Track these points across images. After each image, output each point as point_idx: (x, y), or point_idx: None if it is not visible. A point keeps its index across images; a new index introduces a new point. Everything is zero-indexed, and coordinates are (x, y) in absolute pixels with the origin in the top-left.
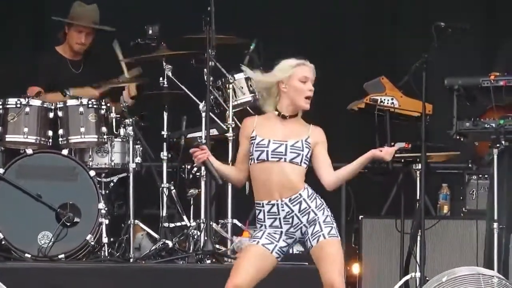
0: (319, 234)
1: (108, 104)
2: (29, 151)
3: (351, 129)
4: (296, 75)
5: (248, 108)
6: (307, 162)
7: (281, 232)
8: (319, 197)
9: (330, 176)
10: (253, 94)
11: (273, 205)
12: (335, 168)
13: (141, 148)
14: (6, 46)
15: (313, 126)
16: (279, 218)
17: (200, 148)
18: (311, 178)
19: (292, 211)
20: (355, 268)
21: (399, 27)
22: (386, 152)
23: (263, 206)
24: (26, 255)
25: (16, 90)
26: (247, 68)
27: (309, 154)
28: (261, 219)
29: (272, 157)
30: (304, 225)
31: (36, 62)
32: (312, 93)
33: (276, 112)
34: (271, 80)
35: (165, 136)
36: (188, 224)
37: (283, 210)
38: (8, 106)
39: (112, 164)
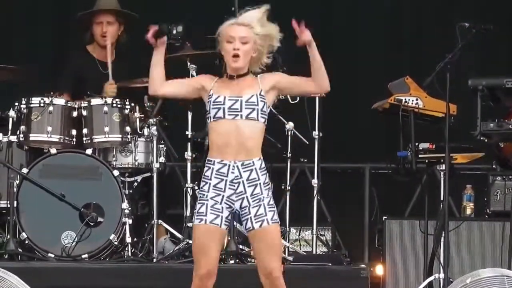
0: (263, 218)
1: (132, 104)
2: (53, 150)
3: (375, 129)
4: (223, 38)
5: (272, 108)
6: (264, 117)
7: (222, 197)
8: (268, 176)
9: (311, 80)
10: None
11: (224, 164)
12: (358, 170)
13: (165, 148)
14: (31, 46)
15: (260, 77)
16: (226, 180)
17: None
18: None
19: (241, 176)
20: (379, 269)
21: (423, 25)
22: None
23: (213, 164)
24: (50, 254)
25: (41, 90)
26: None
27: (265, 108)
28: (208, 176)
29: (228, 114)
30: (247, 197)
31: (62, 61)
32: (239, 51)
33: (226, 74)
34: (219, 48)
35: (189, 136)
36: None
37: (232, 173)
38: (31, 105)
39: (136, 163)
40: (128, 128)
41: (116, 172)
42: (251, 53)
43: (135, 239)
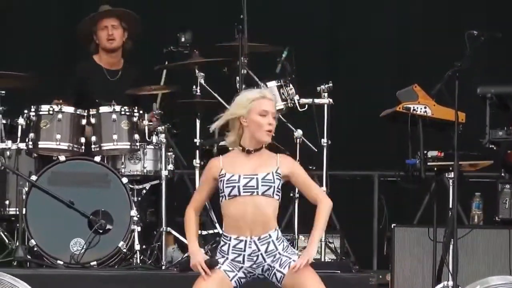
0: (289, 262)
1: (141, 112)
2: (62, 158)
3: (384, 137)
4: (255, 109)
5: (280, 116)
6: (279, 194)
7: (241, 267)
8: (285, 239)
9: (314, 198)
10: (285, 102)
11: (241, 241)
12: (367, 178)
13: (173, 156)
14: (40, 57)
15: (280, 156)
16: (244, 255)
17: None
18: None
19: (259, 250)
20: (387, 277)
21: (432, 33)
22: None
23: (230, 240)
24: (59, 262)
25: (48, 97)
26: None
27: (280, 186)
28: (225, 251)
29: (244, 192)
30: (268, 264)
31: (70, 71)
32: (273, 127)
33: (240, 148)
34: (231, 111)
35: (197, 144)
36: (220, 232)
37: (249, 247)
38: (41, 113)
39: (145, 171)
40: (136, 136)
41: (124, 180)
42: None
43: (143, 246)
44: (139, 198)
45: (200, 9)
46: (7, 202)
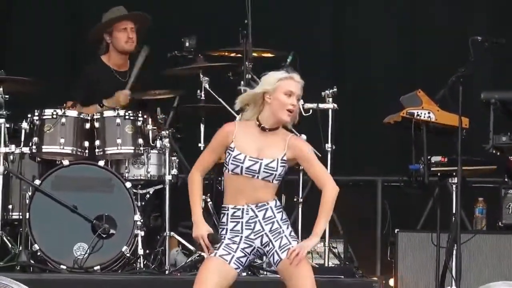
0: (288, 247)
1: (145, 116)
2: (65, 162)
3: (388, 142)
4: (281, 88)
5: None
6: (280, 179)
7: (240, 238)
8: (285, 213)
9: (321, 183)
10: None
11: (238, 209)
12: (371, 183)
13: (177, 160)
14: (44, 59)
15: (292, 139)
16: (242, 222)
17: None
18: None
19: (256, 216)
20: (391, 282)
21: (436, 38)
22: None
23: (228, 210)
24: (62, 266)
25: (53, 102)
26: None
27: (283, 172)
28: (224, 222)
29: (246, 173)
30: (266, 233)
31: (79, 73)
32: (295, 108)
33: (257, 122)
34: (257, 90)
35: (202, 148)
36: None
37: (247, 214)
38: (44, 117)
39: (148, 175)
40: (140, 140)
41: (128, 184)
42: None
43: (147, 251)
44: (143, 203)
45: (204, 13)
46: (10, 206)
